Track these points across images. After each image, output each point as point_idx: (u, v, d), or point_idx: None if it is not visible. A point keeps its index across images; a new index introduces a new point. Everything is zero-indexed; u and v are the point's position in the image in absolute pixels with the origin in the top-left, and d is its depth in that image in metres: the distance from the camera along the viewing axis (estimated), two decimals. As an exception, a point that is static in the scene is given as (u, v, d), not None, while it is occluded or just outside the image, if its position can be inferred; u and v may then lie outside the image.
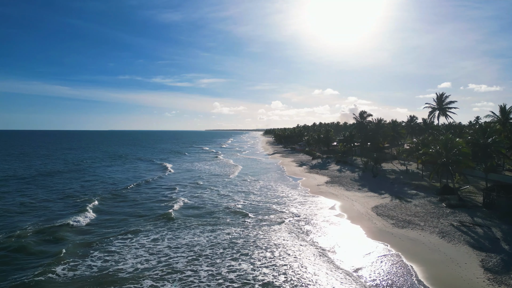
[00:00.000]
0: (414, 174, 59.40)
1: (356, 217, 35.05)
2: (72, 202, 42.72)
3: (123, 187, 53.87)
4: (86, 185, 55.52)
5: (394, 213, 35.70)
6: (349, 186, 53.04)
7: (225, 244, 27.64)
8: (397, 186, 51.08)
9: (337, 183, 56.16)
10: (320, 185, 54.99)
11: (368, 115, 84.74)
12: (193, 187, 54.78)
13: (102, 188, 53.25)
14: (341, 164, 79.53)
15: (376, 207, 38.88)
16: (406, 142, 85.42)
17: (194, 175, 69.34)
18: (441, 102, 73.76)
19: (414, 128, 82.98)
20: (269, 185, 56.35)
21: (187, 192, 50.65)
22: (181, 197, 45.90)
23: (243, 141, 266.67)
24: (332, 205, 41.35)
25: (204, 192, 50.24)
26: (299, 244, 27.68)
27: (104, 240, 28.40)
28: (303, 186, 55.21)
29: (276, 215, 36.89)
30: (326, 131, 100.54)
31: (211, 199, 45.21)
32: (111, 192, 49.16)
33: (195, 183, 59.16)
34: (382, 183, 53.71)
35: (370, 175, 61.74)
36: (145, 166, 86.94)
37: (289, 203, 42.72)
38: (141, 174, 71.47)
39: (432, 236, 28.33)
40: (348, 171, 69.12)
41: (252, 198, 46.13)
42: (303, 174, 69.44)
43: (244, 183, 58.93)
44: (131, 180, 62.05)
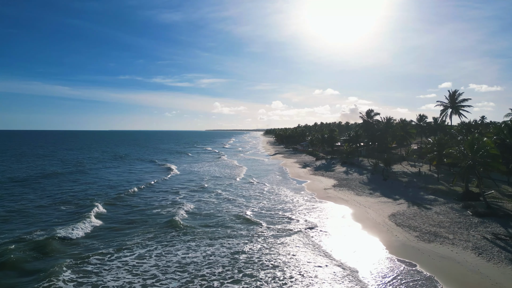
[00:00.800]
0: (428, 177, 55.27)
1: (372, 228, 30.91)
2: (69, 209, 38.62)
3: (124, 190, 49.77)
4: (85, 189, 51.53)
5: (416, 223, 31.56)
6: (359, 190, 48.90)
7: (228, 260, 23.54)
8: (411, 190, 46.94)
9: (346, 186, 52.02)
10: (328, 189, 50.84)
11: (375, 114, 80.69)
12: (198, 191, 50.91)
13: (102, 192, 49.27)
14: (347, 166, 75.39)
15: (394, 215, 34.73)
16: (414, 142, 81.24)
17: (198, 177, 65.35)
18: (453, 99, 69.61)
19: (424, 127, 78.79)
20: (272, 189, 52.24)
21: (192, 196, 46.63)
22: (186, 202, 42.03)
23: (244, 141, 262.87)
24: (344, 212, 37.21)
25: (211, 197, 46.20)
26: (312, 261, 23.57)
27: (101, 256, 24.43)
28: (309, 190, 51.08)
29: (282, 225, 32.73)
30: (331, 131, 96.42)
31: (216, 205, 41.18)
32: (111, 197, 45.13)
33: (200, 186, 55.25)
34: (395, 187, 49.58)
35: (380, 177, 57.62)
36: (148, 168, 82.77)
37: (295, 210, 38.55)
38: (143, 176, 67.34)
39: (466, 253, 24.20)
40: (355, 173, 64.96)
41: (255, 203, 41.98)
42: (307, 176, 65.29)
43: (250, 187, 54.78)
44: (133, 182, 58.03)
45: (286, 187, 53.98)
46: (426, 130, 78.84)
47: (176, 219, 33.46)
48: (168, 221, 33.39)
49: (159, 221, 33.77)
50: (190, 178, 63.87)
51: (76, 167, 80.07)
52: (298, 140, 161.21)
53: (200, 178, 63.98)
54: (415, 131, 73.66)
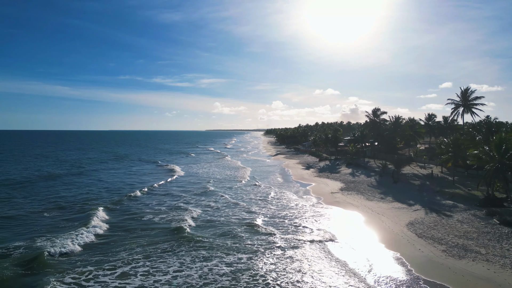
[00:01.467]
0: (441, 180, 51.69)
1: (391, 239, 27.34)
2: (64, 217, 35.08)
3: (126, 194, 46.24)
4: (83, 193, 48.04)
5: (439, 234, 27.99)
6: (368, 194, 45.30)
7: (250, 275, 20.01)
8: (426, 194, 43.35)
9: (354, 190, 48.44)
10: (335, 192, 47.25)
11: (382, 113, 77.05)
12: (203, 194, 47.60)
13: (102, 196, 45.87)
14: (353, 167, 71.78)
15: (412, 224, 31.15)
16: (422, 143, 77.56)
17: (203, 179, 61.79)
18: (466, 97, 66.01)
19: (433, 127, 75.17)
20: (277, 193, 48.67)
21: (197, 201, 43.15)
22: (191, 208, 38.66)
23: (246, 141, 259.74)
24: (355, 220, 33.65)
25: (217, 201, 42.64)
26: (327, 279, 20.04)
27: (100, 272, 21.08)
28: (315, 194, 47.50)
29: (293, 235, 29.13)
30: (335, 130, 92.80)
31: (224, 211, 37.69)
32: (111, 202, 41.70)
33: (205, 188, 51.75)
34: (407, 191, 45.99)
35: (389, 180, 54.06)
36: (150, 169, 79.09)
37: (302, 217, 34.96)
38: (145, 178, 63.81)
39: (506, 272, 20.63)
40: (362, 176, 61.36)
41: (263, 209, 38.43)
42: (312, 178, 61.71)
43: (255, 191, 51.20)
44: (135, 185, 54.48)
45: (290, 190, 50.43)
46: (435, 129, 75.22)
47: (184, 228, 30.24)
48: (175, 229, 30.16)
49: (165, 230, 30.30)
50: (194, 181, 60.27)
51: (75, 169, 76.66)
52: (300, 140, 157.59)
53: (204, 180, 60.45)
54: (424, 130, 70.00)
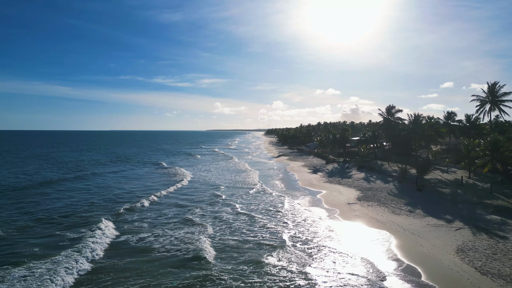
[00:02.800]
0: (472, 187, 44.56)
1: (444, 278, 20.21)
2: (55, 236, 28.66)
3: (130, 205, 39.64)
4: (81, 202, 41.49)
5: (506, 267, 20.90)
6: (392, 205, 38.20)
7: None
8: (462, 207, 36.24)
9: (373, 200, 41.34)
10: (352, 203, 40.13)
11: (397, 111, 69.86)
12: (216, 204, 40.93)
13: (102, 207, 39.20)
14: (365, 171, 64.66)
15: (462, 250, 24.05)
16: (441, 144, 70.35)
17: (213, 185, 54.74)
18: (493, 93, 58.85)
19: (454, 126, 67.97)
20: (287, 204, 41.66)
21: (211, 214, 36.01)
22: (205, 224, 32.11)
23: (248, 142, 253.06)
24: (386, 242, 26.53)
25: (231, 215, 35.56)
26: None
27: None
28: (328, 204, 40.41)
29: (323, 266, 22.08)
30: (343, 130, 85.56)
31: (241, 228, 30.70)
32: (113, 215, 35.22)
33: (216, 197, 45.03)
34: (438, 202, 38.88)
35: (411, 187, 47.01)
36: (155, 173, 71.79)
37: (324, 237, 27.86)
38: (151, 184, 56.72)
39: None
40: (379, 181, 54.25)
41: (279, 226, 31.42)
42: (321, 184, 54.60)
43: (268, 200, 44.22)
44: (140, 193, 47.58)
45: (300, 199, 43.37)
46: (456, 129, 68.02)
47: (202, 256, 23.70)
48: (192, 259, 23.45)
49: (180, 259, 23.64)
50: (203, 188, 52.86)
51: (73, 172, 69.92)
52: (303, 140, 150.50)
53: (214, 187, 53.61)
54: (445, 130, 62.76)
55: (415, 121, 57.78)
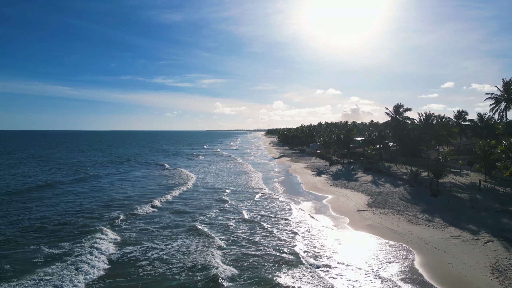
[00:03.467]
0: (491, 192, 41.07)
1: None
2: (46, 248, 25.43)
3: (131, 213, 36.04)
4: (79, 208, 38.17)
5: (558, 296, 17.49)
6: (407, 213, 34.75)
7: None
8: (486, 215, 32.76)
9: (386, 206, 37.88)
10: (362, 210, 36.68)
11: (406, 110, 66.38)
12: (223, 211, 37.32)
13: (101, 214, 35.69)
14: (372, 173, 61.21)
15: (499, 270, 20.62)
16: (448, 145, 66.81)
17: (218, 189, 51.17)
18: (509, 91, 55.38)
19: (465, 126, 64.53)
20: (296, 211, 38.28)
21: (219, 224, 32.32)
22: (213, 234, 28.92)
23: (249, 142, 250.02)
24: (406, 260, 23.07)
25: (239, 225, 31.97)
26: None
27: None
28: (336, 211, 36.98)
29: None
30: (348, 130, 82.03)
31: (251, 241, 26.80)
32: (113, 223, 32.01)
33: (222, 203, 41.45)
34: (457, 208, 35.41)
35: (424, 191, 43.62)
36: (158, 175, 67.78)
37: (328, 251, 24.47)
38: (154, 187, 53.04)
39: None
40: (388, 185, 50.83)
41: (289, 237, 28.05)
42: (327, 188, 51.16)
43: (274, 206, 40.81)
44: (142, 198, 44.06)
45: (305, 205, 39.98)
46: (467, 129, 64.58)
47: (212, 274, 20.71)
48: (205, 281, 20.10)
49: (187, 276, 20.84)
50: (209, 192, 48.93)
51: (72, 174, 66.45)
52: (305, 141, 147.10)
53: (219, 190, 50.12)
54: (457, 130, 59.26)
55: (426, 121, 54.31)
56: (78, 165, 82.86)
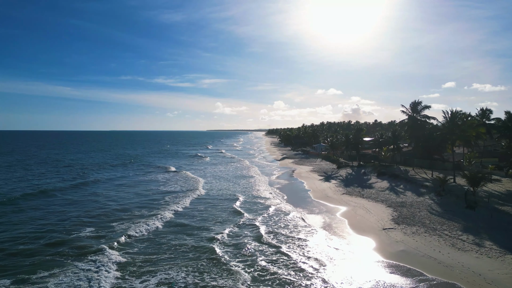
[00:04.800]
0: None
1: None
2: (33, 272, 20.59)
3: (135, 230, 29.75)
4: (76, 224, 32.02)
5: None
6: (445, 232, 27.97)
7: None
8: (548, 236, 26.02)
9: (416, 222, 31.07)
10: (389, 229, 29.85)
11: (424, 108, 59.61)
12: (238, 227, 31.50)
13: (102, 231, 29.75)
14: (388, 179, 54.47)
15: None
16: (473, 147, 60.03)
17: (230, 198, 44.65)
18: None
19: (490, 126, 57.74)
20: (297, 226, 31.62)
21: (233, 241, 27.31)
22: (229, 259, 23.70)
23: (251, 142, 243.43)
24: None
25: (256, 242, 25.76)
26: None
27: None
28: (356, 229, 30.22)
29: None
30: (357, 130, 75.22)
31: (272, 267, 20.37)
32: (114, 245, 26.08)
33: (236, 216, 35.26)
34: (504, 226, 28.69)
35: (456, 202, 36.94)
36: (163, 180, 60.63)
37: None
38: (160, 195, 46.32)
39: None
40: (409, 193, 44.11)
41: (308, 269, 21.40)
42: (339, 197, 44.40)
43: (284, 221, 34.16)
44: (147, 210, 37.83)
45: (318, 220, 33.26)
46: (493, 129, 57.80)
47: None
48: None
49: None
50: (221, 202, 42.55)
51: (73, 179, 60.37)
52: (309, 141, 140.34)
53: (231, 199, 43.99)
54: (484, 130, 52.48)
55: (452, 120, 47.57)
56: (79, 169, 76.87)
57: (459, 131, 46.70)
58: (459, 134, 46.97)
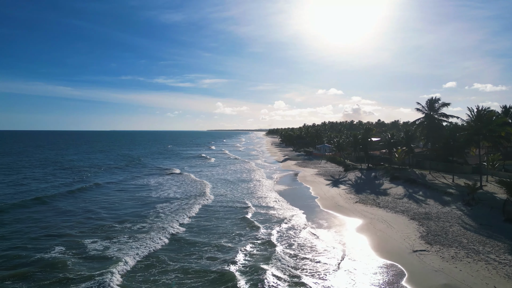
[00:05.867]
0: None
1: None
2: None
3: (138, 252, 24.62)
4: (66, 243, 26.69)
5: None
6: (491, 256, 22.52)
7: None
8: None
9: (452, 242, 25.59)
10: (420, 250, 24.35)
11: (443, 105, 54.15)
12: (258, 247, 25.83)
13: (100, 249, 25.23)
14: (403, 184, 49.04)
15: None
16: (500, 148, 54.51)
17: (240, 206, 39.57)
18: None
19: None
20: (312, 247, 26.28)
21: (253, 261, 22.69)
22: None
23: (253, 143, 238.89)
24: None
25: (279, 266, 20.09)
26: None
27: None
28: (378, 251, 24.77)
29: None
30: (366, 130, 69.75)
31: None
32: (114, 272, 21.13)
33: (251, 229, 30.58)
34: None
35: (490, 213, 31.61)
36: (167, 185, 55.29)
37: None
38: (165, 204, 40.94)
39: None
40: (431, 201, 38.72)
41: None
42: (351, 206, 38.96)
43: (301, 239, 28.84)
44: (150, 221, 33.02)
45: (331, 236, 27.87)
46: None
47: None
48: None
49: None
50: (231, 211, 37.74)
51: (72, 184, 55.26)
52: (311, 142, 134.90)
53: (241, 207, 39.30)
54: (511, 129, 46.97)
55: (479, 118, 42.02)
56: (79, 171, 71.99)
57: (487, 130, 41.25)
58: (487, 134, 41.49)
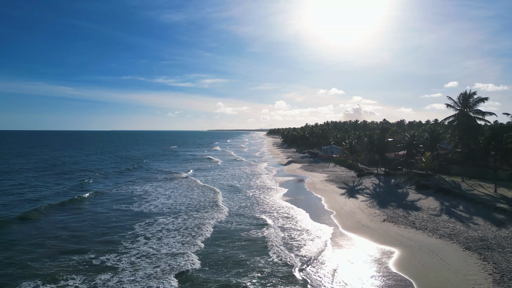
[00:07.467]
0: None
1: None
2: None
3: None
4: None
5: None
6: None
7: None
8: None
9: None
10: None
11: (479, 100, 45.91)
12: None
13: None
14: (434, 195, 40.77)
15: None
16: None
17: (256, 224, 31.62)
18: None
19: None
20: None
21: None
22: None
23: (256, 144, 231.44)
24: None
25: None
26: None
27: None
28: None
29: None
30: (383, 130, 61.45)
31: None
32: None
33: (277, 259, 21.63)
34: None
35: None
36: (175, 194, 47.48)
37: None
38: (173, 220, 33.41)
39: None
40: (479, 219, 30.59)
41: None
42: (379, 226, 30.72)
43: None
44: (153, 244, 26.31)
45: (366, 285, 19.76)
46: None
47: None
48: None
49: None
50: (248, 228, 30.64)
51: (69, 192, 48.36)
52: (316, 143, 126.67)
53: (258, 222, 32.74)
54: None
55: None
56: (79, 176, 64.72)
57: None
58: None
